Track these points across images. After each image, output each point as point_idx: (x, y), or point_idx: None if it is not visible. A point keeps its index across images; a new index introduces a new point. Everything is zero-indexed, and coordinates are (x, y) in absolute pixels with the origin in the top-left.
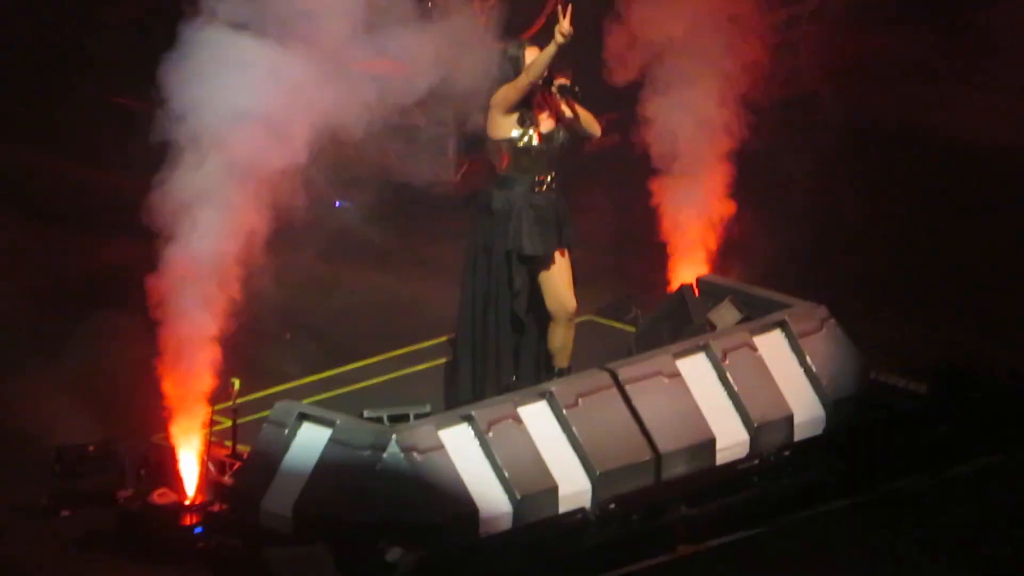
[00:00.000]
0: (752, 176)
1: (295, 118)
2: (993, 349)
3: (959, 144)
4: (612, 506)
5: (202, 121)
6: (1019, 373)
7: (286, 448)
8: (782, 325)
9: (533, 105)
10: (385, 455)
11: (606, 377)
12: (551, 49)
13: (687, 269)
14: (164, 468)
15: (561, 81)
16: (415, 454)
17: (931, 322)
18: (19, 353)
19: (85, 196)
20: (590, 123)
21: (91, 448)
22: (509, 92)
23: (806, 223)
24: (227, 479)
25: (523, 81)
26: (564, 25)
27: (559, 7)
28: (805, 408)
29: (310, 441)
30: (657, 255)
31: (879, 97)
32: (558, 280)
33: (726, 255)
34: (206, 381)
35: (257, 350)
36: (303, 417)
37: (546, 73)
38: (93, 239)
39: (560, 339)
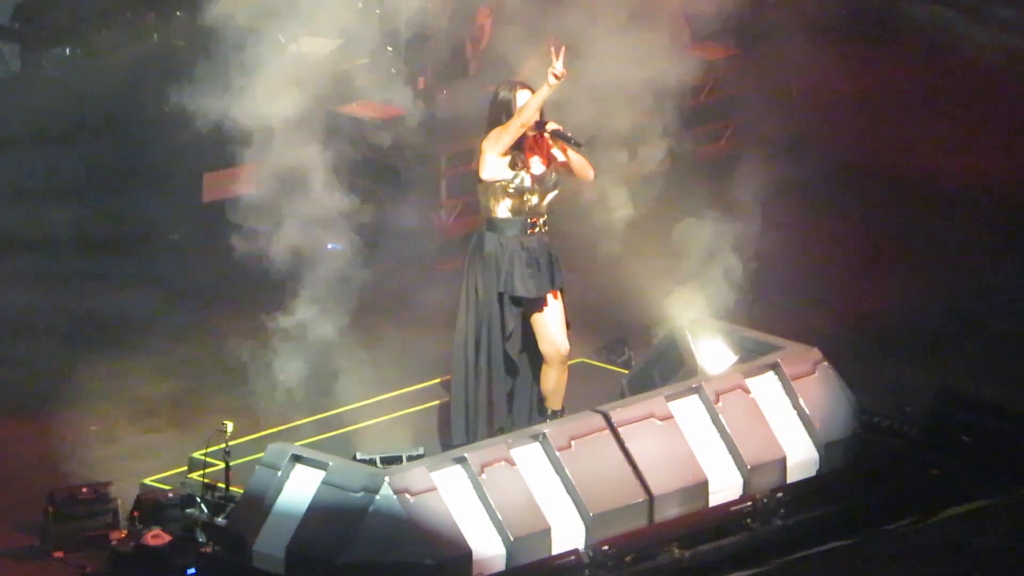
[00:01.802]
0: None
1: None
2: (986, 391)
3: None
4: (605, 548)
5: None
6: (1009, 415)
7: (279, 490)
8: (775, 367)
9: (525, 148)
10: (378, 497)
11: (599, 419)
12: (544, 91)
13: (679, 311)
14: (156, 511)
15: (553, 126)
16: (408, 496)
17: (925, 365)
18: (12, 399)
19: None
20: (583, 168)
21: (84, 490)
22: (501, 134)
23: (800, 265)
24: (220, 520)
25: (515, 123)
26: (557, 67)
27: (552, 48)
28: (798, 450)
29: (303, 483)
30: (650, 297)
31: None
32: (550, 322)
33: (719, 297)
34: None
35: (250, 392)
36: (296, 459)
37: (538, 116)
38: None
39: (553, 381)
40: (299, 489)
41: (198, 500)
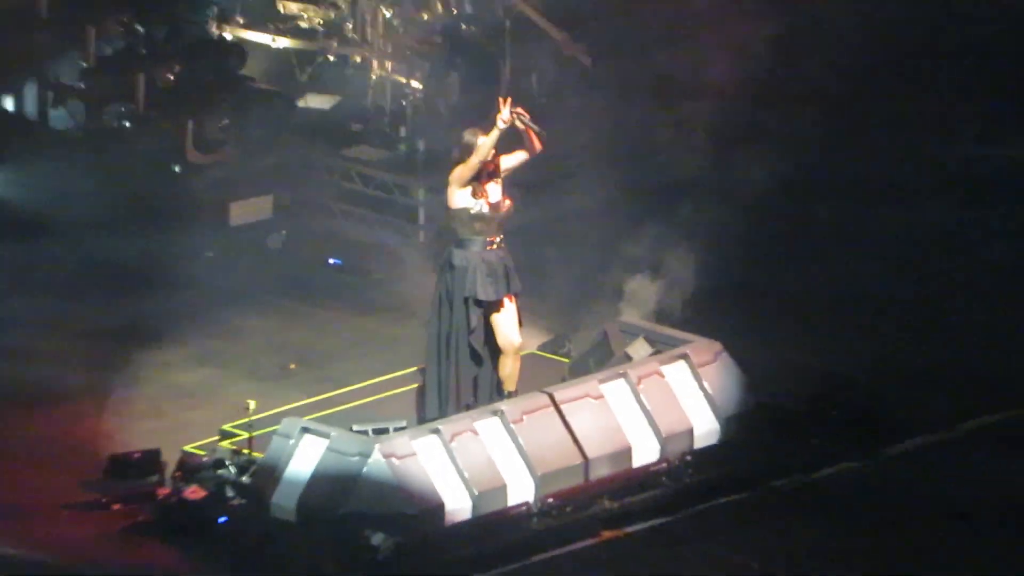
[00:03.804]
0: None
1: None
2: (857, 374)
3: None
4: (550, 500)
5: None
6: (877, 394)
7: (291, 455)
8: (685, 357)
9: (483, 181)
10: (370, 460)
11: (545, 398)
12: (494, 134)
13: (610, 313)
14: (194, 471)
15: (519, 111)
16: (394, 459)
17: (808, 353)
18: (78, 385)
19: None
20: (537, 141)
21: (137, 455)
22: (464, 171)
23: (704, 272)
24: (245, 479)
25: (475, 160)
26: (504, 113)
27: (500, 100)
28: (703, 423)
29: (311, 450)
30: (587, 301)
31: None
32: (506, 321)
33: (640, 302)
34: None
35: (269, 378)
36: (305, 430)
37: (492, 153)
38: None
39: (508, 368)
40: (307, 454)
41: (227, 463)
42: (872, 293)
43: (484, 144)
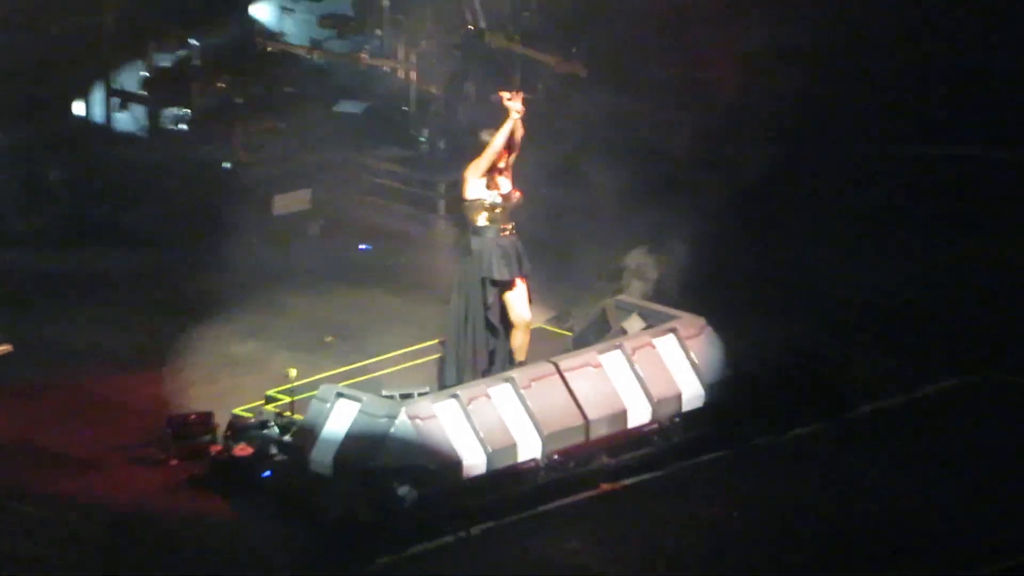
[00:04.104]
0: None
1: None
2: (826, 347)
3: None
4: (555, 456)
5: None
6: (840, 363)
7: (327, 417)
8: (674, 331)
9: (495, 175)
10: (397, 421)
11: (551, 367)
12: (507, 125)
13: (609, 292)
14: (242, 431)
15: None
16: (418, 420)
17: (782, 329)
18: (141, 356)
19: None
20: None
21: (192, 417)
22: (479, 161)
23: (690, 257)
24: (287, 438)
25: (489, 151)
26: (517, 105)
27: (511, 92)
28: (689, 388)
29: (345, 412)
30: (588, 282)
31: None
32: (518, 299)
33: (638, 283)
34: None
35: (308, 349)
36: (340, 395)
37: (504, 143)
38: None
39: (519, 340)
40: (342, 416)
41: (271, 424)
42: (835, 276)
43: (496, 138)
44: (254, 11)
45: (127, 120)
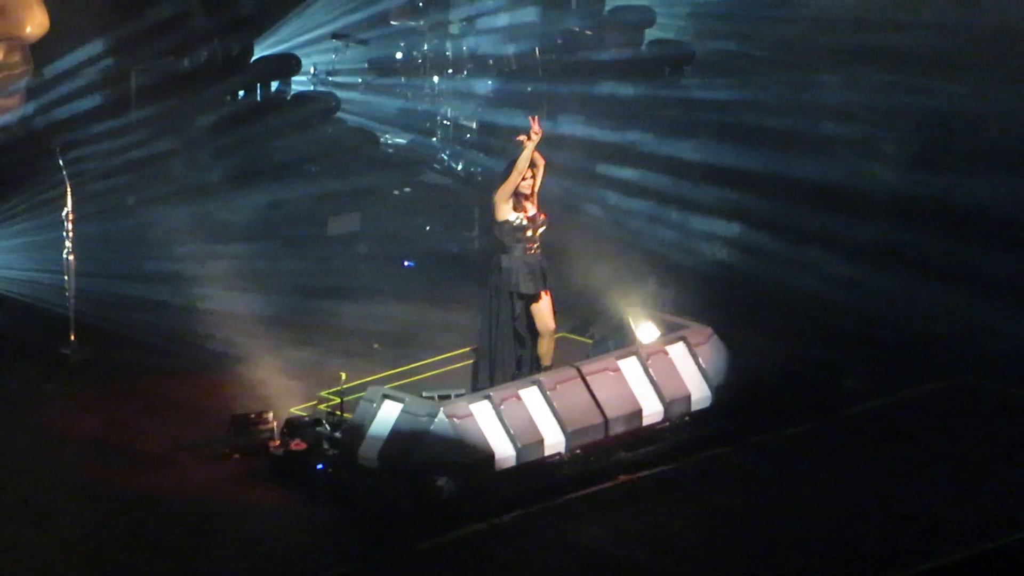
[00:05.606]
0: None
1: None
2: (826, 359)
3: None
4: (578, 451)
5: None
6: (834, 368)
7: (374, 416)
8: (683, 339)
9: (522, 199)
10: (436, 420)
11: (574, 371)
12: (528, 148)
13: (626, 303)
14: (298, 428)
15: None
16: (455, 419)
17: (783, 339)
18: (206, 361)
19: None
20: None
21: (253, 415)
22: (506, 185)
23: (700, 271)
24: (338, 435)
25: (514, 175)
26: (535, 128)
27: (530, 118)
28: (698, 391)
29: (389, 411)
30: (607, 295)
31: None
32: (543, 310)
33: (652, 295)
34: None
35: (357, 355)
36: (385, 396)
37: (527, 166)
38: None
39: (545, 347)
40: (387, 415)
41: (324, 422)
42: (831, 293)
43: (519, 161)
44: None
45: None
